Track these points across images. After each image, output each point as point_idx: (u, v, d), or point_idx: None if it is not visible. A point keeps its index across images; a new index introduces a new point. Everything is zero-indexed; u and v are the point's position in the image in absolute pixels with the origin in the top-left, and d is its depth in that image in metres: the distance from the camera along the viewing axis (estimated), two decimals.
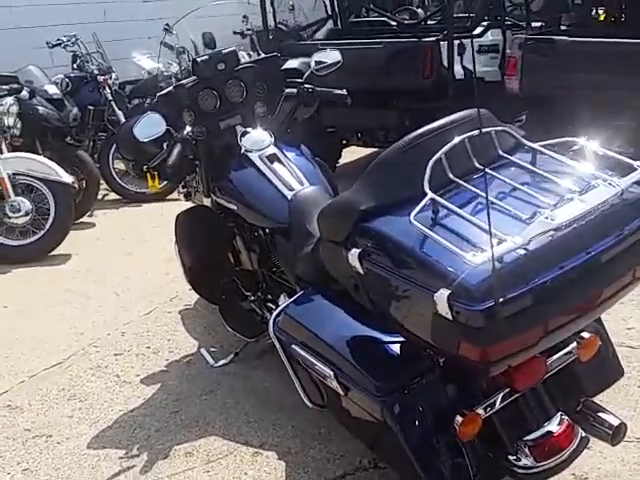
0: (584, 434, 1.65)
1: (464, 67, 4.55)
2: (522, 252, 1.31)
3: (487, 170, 1.42)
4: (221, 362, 2.74)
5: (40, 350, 2.96)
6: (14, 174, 4.05)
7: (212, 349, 2.86)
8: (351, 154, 5.83)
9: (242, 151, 2.44)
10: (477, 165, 1.52)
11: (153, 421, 2.41)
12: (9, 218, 4.08)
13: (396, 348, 1.68)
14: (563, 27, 4.84)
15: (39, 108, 4.58)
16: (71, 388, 2.65)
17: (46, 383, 2.69)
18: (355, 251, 1.54)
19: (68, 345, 2.98)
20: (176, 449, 2.24)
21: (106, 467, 2.18)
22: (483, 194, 1.29)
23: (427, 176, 1.43)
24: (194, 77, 2.53)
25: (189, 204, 2.88)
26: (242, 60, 2.69)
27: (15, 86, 4.39)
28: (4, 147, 4.15)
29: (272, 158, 2.41)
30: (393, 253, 1.47)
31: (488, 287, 1.26)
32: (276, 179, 2.34)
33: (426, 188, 1.43)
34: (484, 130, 1.48)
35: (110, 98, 5.25)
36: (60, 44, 5.47)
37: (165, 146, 2.39)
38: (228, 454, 2.21)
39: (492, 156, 1.55)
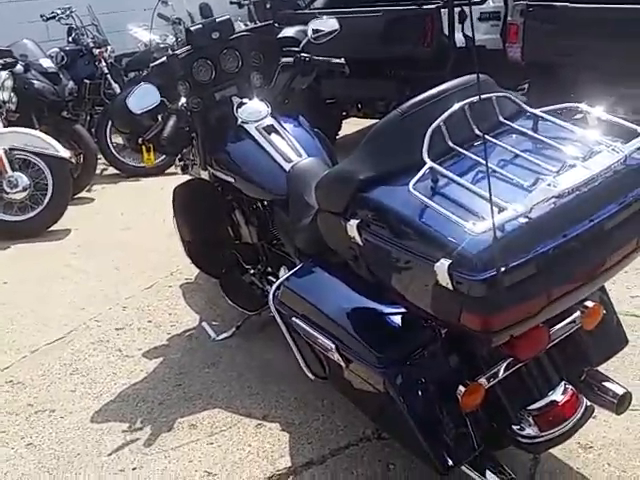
0: (589, 403, 1.65)
1: (465, 35, 4.48)
2: (524, 220, 1.29)
3: (487, 137, 1.39)
4: (223, 335, 2.74)
5: (41, 325, 2.96)
6: (10, 149, 4.03)
7: (213, 323, 2.86)
8: (353, 126, 5.78)
9: (239, 122, 2.41)
10: (477, 132, 1.49)
11: (156, 394, 2.41)
12: (7, 194, 4.07)
13: (397, 319, 1.67)
14: None
15: (34, 82, 4.55)
16: (73, 363, 2.66)
17: (48, 358, 2.70)
18: (354, 222, 1.53)
19: (69, 320, 2.99)
20: (180, 421, 2.25)
21: (110, 441, 2.19)
22: (483, 162, 1.26)
23: (426, 144, 1.41)
24: (188, 47, 2.49)
25: (187, 177, 2.86)
26: (237, 29, 2.63)
27: (9, 60, 4.35)
28: (0, 122, 4.12)
29: (269, 129, 2.38)
30: (392, 223, 1.45)
31: (489, 256, 1.25)
32: (273, 150, 2.32)
33: (425, 156, 1.40)
34: (484, 96, 1.45)
35: (106, 71, 5.20)
36: (55, 17, 5.40)
37: (160, 118, 2.36)
38: (231, 426, 2.22)
39: (493, 123, 1.53)
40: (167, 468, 2.05)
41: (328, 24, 2.56)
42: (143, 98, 2.25)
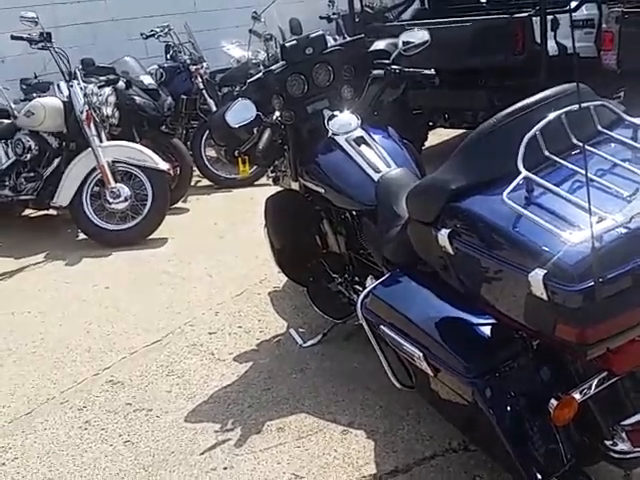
0: None
1: (558, 43, 4.37)
2: (623, 231, 1.26)
3: (587, 147, 1.36)
4: (310, 342, 2.79)
5: (140, 328, 3.11)
6: (113, 162, 4.22)
7: (300, 330, 2.92)
8: (438, 137, 5.74)
9: (329, 134, 2.46)
10: (575, 141, 1.46)
11: (246, 397, 2.49)
12: (109, 204, 4.26)
13: (487, 330, 1.66)
14: None
15: (136, 98, 4.73)
16: (169, 365, 2.77)
17: (146, 359, 2.83)
18: (445, 231, 1.53)
19: (166, 324, 3.13)
20: (268, 424, 2.31)
21: (203, 440, 2.27)
22: (581, 171, 1.25)
23: (521, 153, 1.40)
24: (282, 62, 2.56)
25: (277, 188, 2.94)
26: (329, 44, 2.69)
27: (112, 77, 4.53)
28: (104, 136, 4.32)
29: (359, 141, 2.40)
30: (485, 233, 1.45)
31: (587, 267, 1.22)
32: (363, 161, 2.34)
33: (520, 166, 1.39)
34: (583, 105, 1.42)
35: (202, 87, 5.38)
36: (154, 35, 5.64)
37: (255, 131, 2.45)
38: (318, 431, 2.25)
39: (590, 132, 1.50)
40: (256, 469, 2.11)
41: (418, 36, 2.56)
42: (240, 113, 2.34)
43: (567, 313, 1.27)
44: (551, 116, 1.45)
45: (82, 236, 4.42)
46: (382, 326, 1.89)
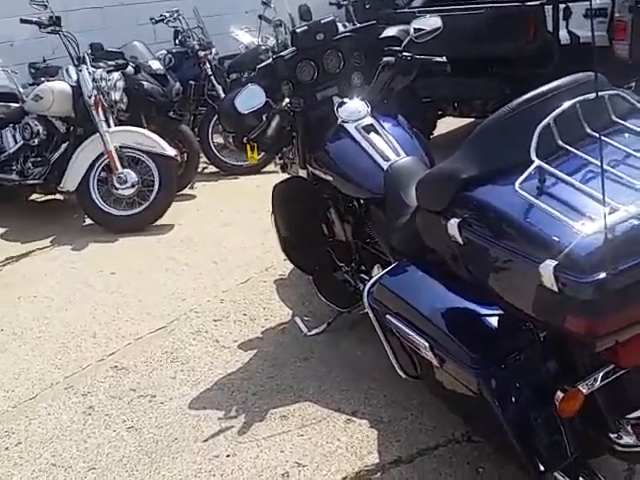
0: None
1: (570, 32, 4.33)
2: (636, 222, 1.24)
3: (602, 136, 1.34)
4: (314, 331, 2.78)
5: (145, 314, 3.11)
6: (121, 147, 4.21)
7: (306, 318, 2.91)
8: (446, 125, 5.70)
9: (339, 122, 2.44)
10: (589, 131, 1.44)
11: (250, 385, 2.49)
12: (116, 189, 4.26)
13: (494, 320, 1.64)
14: None
15: (144, 83, 4.69)
16: (174, 351, 2.78)
17: (151, 346, 2.83)
18: (455, 221, 1.51)
19: (171, 310, 3.12)
20: (272, 412, 2.31)
21: (206, 427, 2.27)
22: (595, 161, 1.23)
23: (534, 142, 1.37)
24: (293, 48, 2.54)
25: (285, 176, 2.92)
26: (340, 30, 2.67)
27: (121, 62, 4.50)
28: (112, 121, 4.30)
29: (368, 128, 2.38)
30: (495, 223, 1.43)
31: (599, 258, 1.21)
32: (372, 149, 2.32)
33: (533, 155, 1.37)
34: (599, 94, 1.39)
35: (210, 73, 5.34)
36: (163, 20, 5.61)
37: (264, 118, 2.43)
38: (321, 420, 2.25)
39: (605, 121, 1.47)
40: (259, 457, 2.11)
41: (430, 23, 2.53)
42: (250, 99, 2.32)
43: (577, 305, 1.26)
44: (566, 105, 1.42)
45: (89, 221, 4.42)
46: (388, 315, 1.88)
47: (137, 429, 2.30)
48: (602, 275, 1.21)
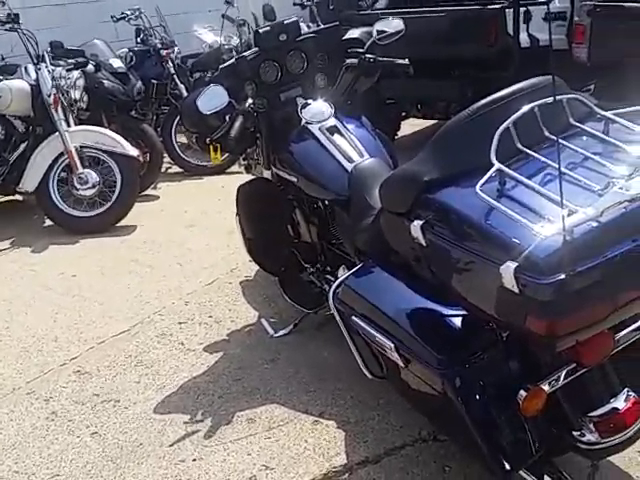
0: None
1: (530, 35, 4.40)
2: (594, 224, 1.27)
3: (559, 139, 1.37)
4: (281, 332, 2.78)
5: (108, 318, 3.07)
6: (81, 147, 4.15)
7: (272, 319, 2.90)
8: (410, 127, 5.75)
9: (302, 123, 2.44)
10: (547, 134, 1.47)
11: (216, 388, 2.47)
12: (77, 190, 4.20)
13: (458, 321, 1.66)
14: None
15: (105, 82, 4.66)
16: (138, 355, 2.74)
17: (114, 350, 2.79)
18: (418, 222, 1.53)
19: (134, 313, 3.08)
20: (239, 415, 2.30)
21: (172, 432, 2.25)
22: (553, 164, 1.25)
23: (494, 146, 1.40)
24: (256, 48, 2.53)
25: (249, 176, 2.91)
26: (303, 31, 2.67)
27: (81, 60, 4.46)
28: (71, 120, 4.24)
29: (332, 130, 2.39)
30: (457, 225, 1.45)
31: (558, 260, 1.23)
32: (336, 151, 2.33)
33: (493, 158, 1.39)
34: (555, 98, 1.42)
35: (173, 72, 5.32)
36: (124, 18, 5.56)
37: (227, 118, 2.41)
38: (289, 422, 2.25)
39: (563, 125, 1.50)
40: (226, 460, 2.09)
41: (393, 25, 2.55)
42: (212, 99, 2.30)
43: (537, 306, 1.28)
44: (524, 109, 1.45)
45: (49, 223, 4.35)
46: (354, 317, 1.89)
47: (101, 435, 2.27)
48: (561, 276, 1.23)
